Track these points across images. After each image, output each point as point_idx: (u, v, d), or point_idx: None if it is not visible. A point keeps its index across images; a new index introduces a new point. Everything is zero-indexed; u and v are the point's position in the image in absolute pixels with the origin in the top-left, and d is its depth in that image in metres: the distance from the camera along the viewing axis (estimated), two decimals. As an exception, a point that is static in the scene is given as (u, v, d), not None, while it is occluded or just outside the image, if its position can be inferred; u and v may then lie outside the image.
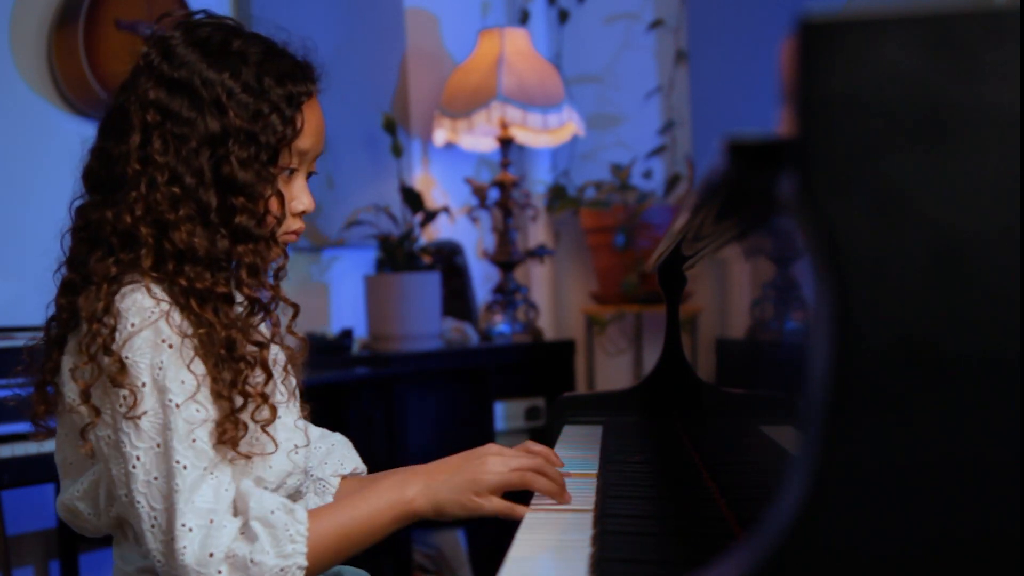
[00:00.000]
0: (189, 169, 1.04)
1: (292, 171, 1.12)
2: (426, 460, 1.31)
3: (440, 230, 3.34)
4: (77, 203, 1.11)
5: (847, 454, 0.53)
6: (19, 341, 1.97)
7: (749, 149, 0.61)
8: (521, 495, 1.11)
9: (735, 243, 1.07)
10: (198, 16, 1.13)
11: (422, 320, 2.79)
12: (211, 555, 0.95)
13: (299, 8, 2.87)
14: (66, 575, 2.31)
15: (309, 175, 1.16)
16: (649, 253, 2.74)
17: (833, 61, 0.53)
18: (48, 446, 1.88)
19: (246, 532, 0.97)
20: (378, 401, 2.67)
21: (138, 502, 0.98)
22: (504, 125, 3.12)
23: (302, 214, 1.14)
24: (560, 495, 1.09)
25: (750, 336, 0.99)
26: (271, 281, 1.11)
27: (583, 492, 1.14)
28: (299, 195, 1.13)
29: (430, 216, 2.94)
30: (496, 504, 1.07)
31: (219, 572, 0.95)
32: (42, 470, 1.90)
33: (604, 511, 1.04)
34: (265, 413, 1.05)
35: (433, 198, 3.30)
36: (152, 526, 0.97)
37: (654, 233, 3.12)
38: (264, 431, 1.05)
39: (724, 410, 1.22)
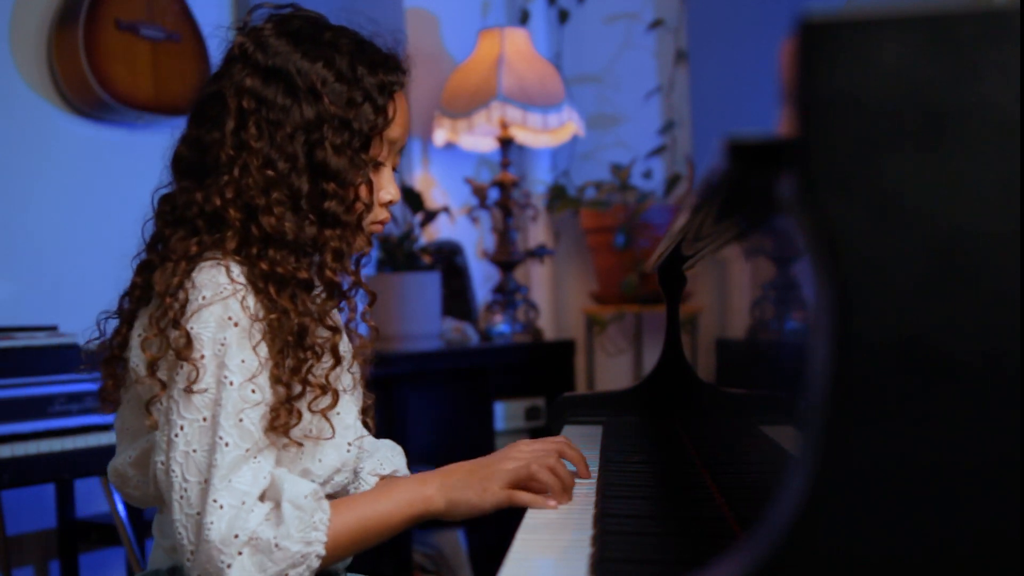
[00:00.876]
0: (283, 155, 1.06)
1: (379, 164, 1.14)
2: (425, 460, 1.32)
3: (440, 230, 3.34)
4: (162, 192, 1.12)
5: (847, 454, 0.53)
6: (19, 341, 1.98)
7: (749, 149, 0.61)
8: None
9: (735, 243, 1.06)
10: (286, 10, 1.15)
11: (422, 320, 2.79)
12: (236, 536, 0.95)
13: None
14: (66, 575, 2.31)
15: (393, 168, 1.18)
16: (649, 253, 2.74)
17: (833, 61, 0.53)
18: (47, 446, 1.89)
19: (274, 516, 0.98)
20: (378, 401, 2.66)
21: (173, 471, 0.99)
22: (504, 125, 3.12)
23: (388, 204, 1.16)
24: (560, 494, 1.09)
25: (750, 336, 0.99)
26: (353, 268, 1.13)
27: (583, 492, 1.14)
28: (386, 185, 1.15)
29: (430, 216, 2.94)
30: (497, 495, 1.08)
31: (239, 554, 0.95)
32: (42, 470, 1.90)
33: (604, 511, 1.04)
34: (325, 401, 1.07)
35: (433, 198, 3.30)
36: (181, 497, 0.98)
37: (654, 233, 3.12)
38: (324, 416, 1.07)
39: (724, 410, 1.22)
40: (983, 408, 0.52)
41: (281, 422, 1.01)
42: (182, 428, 0.99)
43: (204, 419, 0.99)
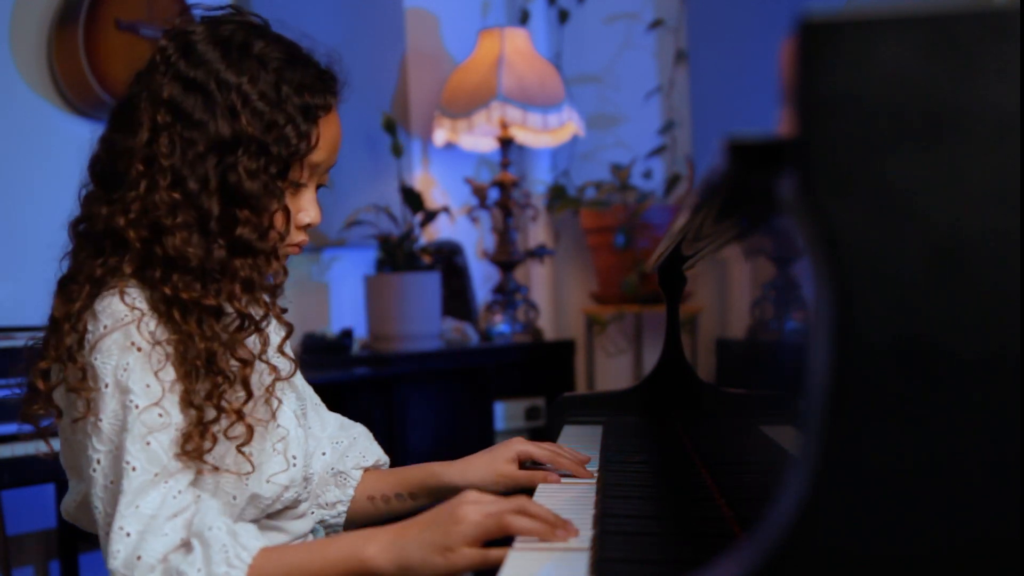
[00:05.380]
0: (193, 174, 1.00)
1: (301, 185, 1.09)
2: (426, 460, 1.31)
3: (440, 230, 3.34)
4: (84, 191, 1.08)
5: (847, 454, 0.53)
6: (19, 341, 1.98)
7: (749, 149, 0.61)
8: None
9: (735, 243, 1.06)
10: (224, 11, 1.09)
11: (422, 320, 2.79)
12: (139, 558, 0.90)
13: (299, 8, 2.87)
14: (66, 575, 2.31)
15: (320, 187, 1.13)
16: (649, 253, 2.74)
17: (833, 61, 0.53)
18: (47, 446, 1.89)
19: (186, 545, 0.93)
20: (378, 401, 2.67)
21: (95, 507, 0.96)
22: (504, 125, 3.12)
23: (307, 227, 1.11)
24: (548, 533, 0.93)
25: (750, 336, 0.99)
26: (266, 298, 1.07)
27: (583, 492, 1.14)
28: (307, 207, 1.10)
29: (430, 216, 2.94)
30: (469, 556, 0.93)
31: None
32: (42, 470, 1.90)
33: (604, 511, 1.04)
34: (239, 430, 1.01)
35: (433, 198, 3.30)
36: (106, 533, 0.94)
37: (654, 233, 3.12)
38: (239, 451, 1.02)
39: (724, 410, 1.22)
40: (983, 408, 0.52)
41: (193, 445, 0.96)
42: (98, 462, 0.96)
43: (117, 448, 0.95)
